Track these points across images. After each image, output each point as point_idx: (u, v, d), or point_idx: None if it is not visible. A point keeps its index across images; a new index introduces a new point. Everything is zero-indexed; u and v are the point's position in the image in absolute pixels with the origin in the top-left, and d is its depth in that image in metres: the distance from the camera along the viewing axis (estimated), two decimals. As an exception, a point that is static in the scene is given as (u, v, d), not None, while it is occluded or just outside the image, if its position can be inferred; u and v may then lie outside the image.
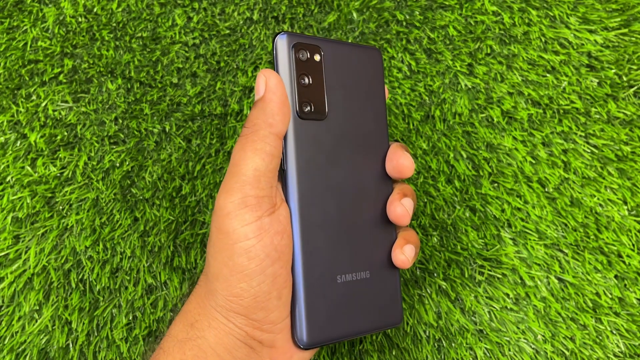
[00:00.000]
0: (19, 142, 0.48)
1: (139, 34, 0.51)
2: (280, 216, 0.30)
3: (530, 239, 0.46)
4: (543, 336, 0.43)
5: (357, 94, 0.35)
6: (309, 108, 0.32)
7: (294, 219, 0.31)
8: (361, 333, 0.34)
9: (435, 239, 0.46)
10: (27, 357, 0.42)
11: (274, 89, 0.30)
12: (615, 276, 0.45)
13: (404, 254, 0.34)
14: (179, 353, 0.30)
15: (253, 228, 0.29)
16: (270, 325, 0.31)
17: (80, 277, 0.45)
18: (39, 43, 0.51)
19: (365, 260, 0.34)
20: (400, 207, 0.34)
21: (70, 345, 0.43)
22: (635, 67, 0.50)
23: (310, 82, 0.32)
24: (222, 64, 0.51)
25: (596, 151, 0.48)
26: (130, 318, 0.44)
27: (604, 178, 0.48)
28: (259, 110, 0.30)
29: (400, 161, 0.34)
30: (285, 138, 0.31)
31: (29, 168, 0.47)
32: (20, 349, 0.43)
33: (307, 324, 0.31)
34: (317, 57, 0.33)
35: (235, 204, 0.29)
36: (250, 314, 0.30)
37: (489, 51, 0.51)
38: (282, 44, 0.32)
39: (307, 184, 0.32)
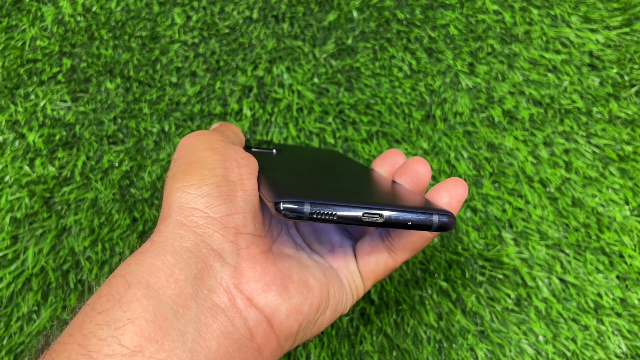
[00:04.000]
0: (17, 142, 0.48)
1: (138, 33, 0.51)
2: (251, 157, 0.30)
3: (531, 239, 0.46)
4: (544, 337, 0.43)
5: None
6: (258, 145, 0.38)
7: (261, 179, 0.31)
8: (389, 218, 0.23)
9: (435, 240, 0.46)
10: (26, 358, 0.42)
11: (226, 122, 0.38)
12: (617, 277, 0.45)
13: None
14: (93, 298, 0.23)
15: (219, 141, 0.28)
16: (233, 229, 0.24)
17: (78, 277, 0.44)
18: (38, 42, 0.51)
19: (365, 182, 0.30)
20: (417, 157, 0.30)
21: (69, 346, 0.42)
22: (637, 66, 0.50)
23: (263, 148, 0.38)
24: (221, 63, 0.51)
25: (598, 151, 0.48)
26: (129, 319, 0.43)
27: (605, 178, 0.47)
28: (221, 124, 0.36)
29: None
30: None
31: (27, 168, 0.47)
32: (18, 350, 0.42)
33: (279, 184, 0.25)
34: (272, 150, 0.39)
35: (201, 131, 0.30)
36: (211, 206, 0.24)
37: (490, 50, 0.51)
38: None
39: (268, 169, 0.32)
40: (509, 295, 0.44)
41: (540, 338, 0.43)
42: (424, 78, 0.51)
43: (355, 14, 0.52)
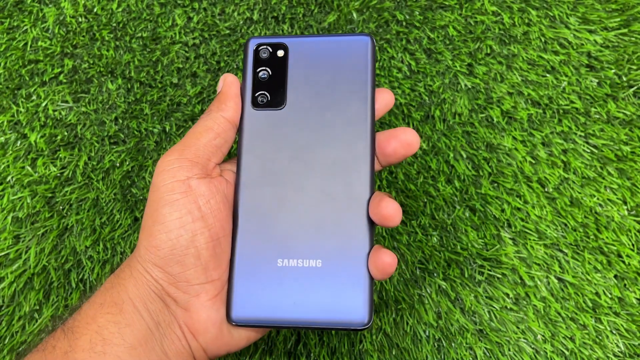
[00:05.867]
0: (19, 142, 0.48)
1: (139, 34, 0.52)
2: (212, 184, 0.32)
3: (530, 239, 0.46)
4: (543, 336, 0.43)
5: (335, 86, 0.35)
6: (264, 98, 0.35)
7: (238, 198, 0.33)
8: (311, 324, 0.32)
9: (435, 239, 0.46)
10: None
11: (229, 84, 0.35)
12: (615, 276, 0.45)
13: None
14: (100, 298, 0.31)
15: (180, 184, 0.31)
16: (185, 283, 0.31)
17: (80, 277, 0.45)
18: (39, 43, 0.51)
19: (319, 249, 0.32)
20: (392, 205, 0.31)
21: (71, 345, 0.43)
22: (635, 67, 0.50)
23: (270, 75, 0.35)
24: (222, 64, 0.51)
25: (596, 151, 0.48)
26: (131, 318, 0.44)
27: (603, 178, 0.48)
28: (215, 100, 0.35)
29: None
30: (239, 126, 0.35)
31: (29, 168, 0.47)
32: (20, 349, 0.43)
33: (235, 298, 0.32)
34: (280, 53, 0.36)
35: (170, 162, 0.32)
36: (167, 266, 0.31)
37: (488, 51, 0.51)
38: (248, 46, 0.36)
39: (254, 167, 0.34)
40: (507, 295, 0.45)
41: (539, 337, 0.44)
42: (423, 79, 0.51)
43: (354, 15, 0.52)
